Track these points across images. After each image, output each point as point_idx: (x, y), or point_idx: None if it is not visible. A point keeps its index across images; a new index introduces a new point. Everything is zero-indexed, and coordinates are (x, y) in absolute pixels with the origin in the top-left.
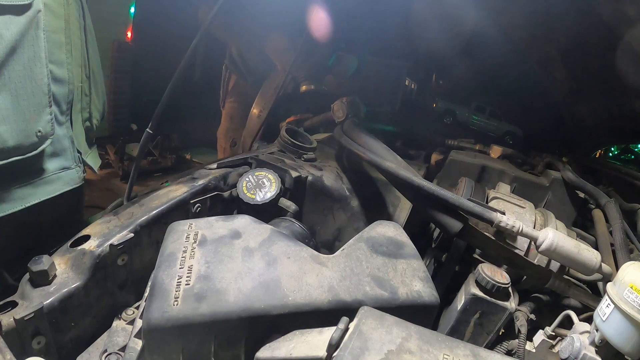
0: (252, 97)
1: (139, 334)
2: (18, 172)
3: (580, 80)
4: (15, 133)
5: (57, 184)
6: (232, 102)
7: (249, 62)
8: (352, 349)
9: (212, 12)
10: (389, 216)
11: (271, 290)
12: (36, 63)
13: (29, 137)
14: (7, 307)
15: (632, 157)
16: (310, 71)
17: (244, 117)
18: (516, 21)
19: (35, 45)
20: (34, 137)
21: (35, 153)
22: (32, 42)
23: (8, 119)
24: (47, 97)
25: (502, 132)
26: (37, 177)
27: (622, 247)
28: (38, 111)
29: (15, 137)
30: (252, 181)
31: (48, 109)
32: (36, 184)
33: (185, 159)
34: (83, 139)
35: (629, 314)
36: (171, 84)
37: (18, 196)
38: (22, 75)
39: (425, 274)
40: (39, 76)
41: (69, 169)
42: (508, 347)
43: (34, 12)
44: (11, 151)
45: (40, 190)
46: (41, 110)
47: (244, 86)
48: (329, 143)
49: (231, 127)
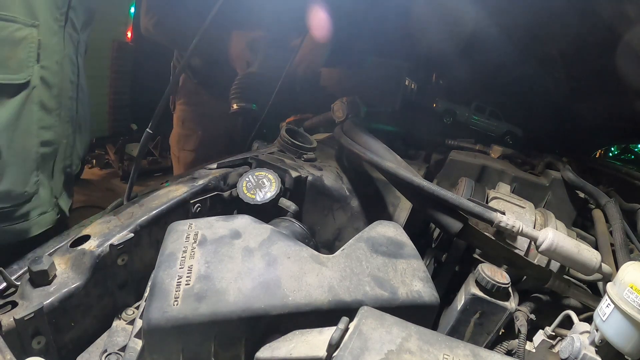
0: (202, 98)
1: (139, 334)
2: (8, 216)
3: (580, 80)
4: (5, 195)
5: (35, 227)
6: (182, 103)
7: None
8: (352, 349)
9: (212, 12)
10: (389, 216)
11: (271, 290)
12: (27, 135)
13: (18, 198)
14: (7, 307)
15: (632, 157)
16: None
17: (197, 121)
18: (516, 21)
19: (27, 118)
20: (22, 197)
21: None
22: (26, 116)
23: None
24: (35, 162)
25: (502, 132)
26: (20, 221)
27: (622, 247)
28: (26, 176)
29: (5, 198)
30: (252, 181)
31: (35, 172)
32: (22, 225)
33: None
34: (60, 184)
35: (629, 314)
36: (171, 84)
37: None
38: (13, 147)
39: (425, 274)
40: (29, 146)
41: (45, 213)
42: (508, 347)
43: (29, 89)
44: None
45: (22, 233)
46: (29, 174)
47: (193, 85)
48: (329, 143)
49: (183, 133)
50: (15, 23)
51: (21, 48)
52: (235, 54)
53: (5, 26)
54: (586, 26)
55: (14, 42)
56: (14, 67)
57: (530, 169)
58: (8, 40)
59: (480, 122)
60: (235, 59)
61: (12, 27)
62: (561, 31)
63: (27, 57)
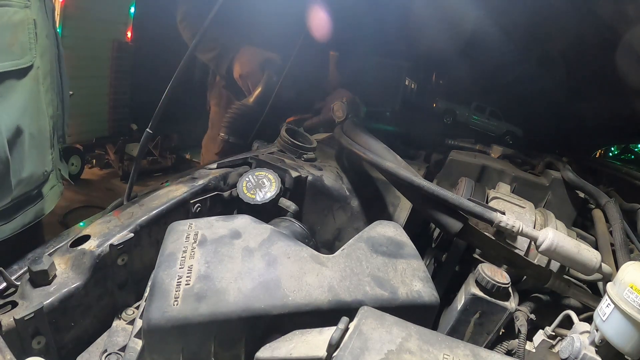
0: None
1: (139, 334)
2: (30, 199)
3: (580, 80)
4: (30, 178)
5: (49, 203)
6: (214, 105)
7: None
8: (352, 349)
9: (212, 12)
10: (389, 216)
11: (271, 290)
12: (42, 114)
13: (40, 179)
14: (7, 307)
15: (632, 157)
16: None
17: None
18: (516, 21)
19: (38, 98)
20: (42, 177)
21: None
22: (37, 96)
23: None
24: (49, 140)
25: (502, 132)
26: (38, 201)
27: (622, 247)
28: (45, 155)
29: (30, 182)
30: (252, 181)
31: (50, 150)
32: (39, 204)
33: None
34: (58, 156)
35: (629, 314)
36: (171, 84)
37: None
38: (33, 129)
39: (425, 274)
40: (44, 125)
41: (54, 187)
42: (508, 347)
43: (35, 69)
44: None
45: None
46: (47, 153)
47: (223, 88)
48: (329, 143)
49: (211, 135)
50: (11, 7)
51: (20, 31)
52: (247, 70)
53: (3, 12)
54: (586, 26)
55: (14, 26)
56: (18, 52)
57: (530, 169)
58: (8, 25)
59: (480, 122)
60: (246, 74)
61: (10, 12)
62: (561, 31)
63: (28, 39)
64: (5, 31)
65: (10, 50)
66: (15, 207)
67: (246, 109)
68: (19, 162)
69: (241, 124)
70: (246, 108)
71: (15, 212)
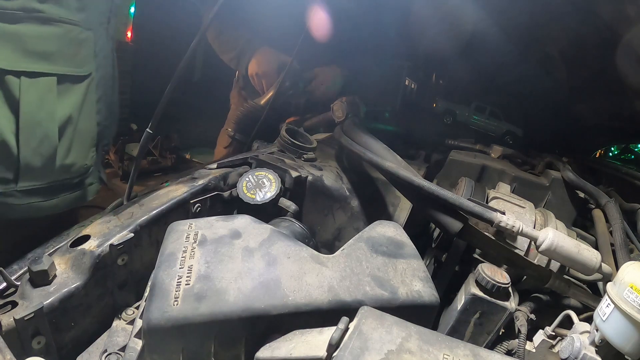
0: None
1: (139, 334)
2: (70, 186)
3: (581, 80)
4: (71, 166)
5: (87, 195)
6: (232, 102)
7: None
8: (352, 349)
9: (212, 12)
10: (389, 216)
11: (271, 290)
12: (90, 116)
13: (80, 170)
14: (7, 307)
15: (632, 157)
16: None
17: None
18: (516, 21)
19: (90, 102)
20: (82, 169)
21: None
22: (89, 100)
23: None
24: (93, 140)
25: (502, 132)
26: (77, 189)
27: (622, 247)
28: (87, 151)
29: (71, 169)
30: (252, 181)
31: (92, 149)
32: (78, 193)
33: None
34: (100, 160)
35: (629, 314)
36: (171, 83)
37: (69, 200)
38: (80, 125)
39: (425, 274)
40: (90, 125)
41: (93, 184)
42: (508, 347)
43: (90, 79)
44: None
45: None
46: (89, 150)
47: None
48: (329, 143)
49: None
50: (79, 27)
51: (83, 47)
52: (264, 69)
53: (72, 29)
54: (586, 26)
55: (78, 42)
56: (78, 62)
57: (530, 169)
58: (75, 40)
59: (480, 122)
60: (262, 74)
61: (76, 30)
62: (561, 31)
63: (88, 54)
64: (72, 44)
65: (73, 59)
66: (55, 188)
67: (255, 109)
68: (65, 149)
69: (248, 123)
70: (254, 109)
71: (54, 193)
